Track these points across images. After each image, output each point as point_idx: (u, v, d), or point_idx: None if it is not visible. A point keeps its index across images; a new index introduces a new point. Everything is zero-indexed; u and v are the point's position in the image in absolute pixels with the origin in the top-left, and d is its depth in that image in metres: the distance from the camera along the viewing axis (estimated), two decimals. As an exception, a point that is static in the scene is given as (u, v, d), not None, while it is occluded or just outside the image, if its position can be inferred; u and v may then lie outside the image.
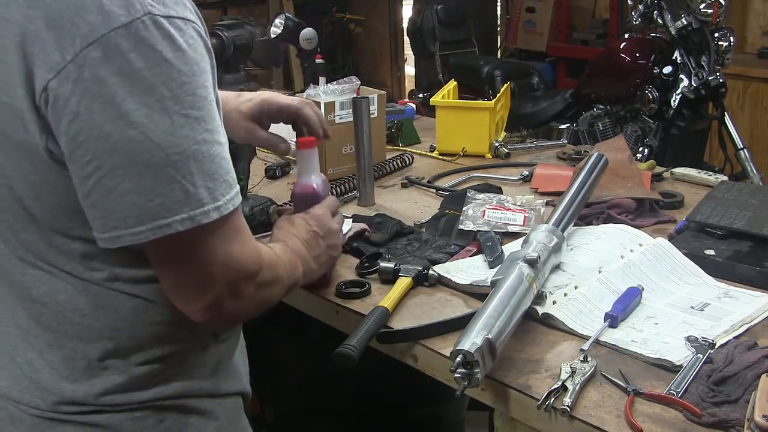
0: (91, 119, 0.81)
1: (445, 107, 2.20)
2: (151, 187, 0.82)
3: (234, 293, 0.93)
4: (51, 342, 0.96)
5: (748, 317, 1.22)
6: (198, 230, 0.86)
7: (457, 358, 1.02)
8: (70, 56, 0.80)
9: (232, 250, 0.91)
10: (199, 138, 0.85)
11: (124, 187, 0.82)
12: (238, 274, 0.92)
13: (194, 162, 0.84)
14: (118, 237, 0.84)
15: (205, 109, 0.86)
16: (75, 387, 0.96)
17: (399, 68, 6.38)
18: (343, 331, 1.31)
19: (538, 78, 4.17)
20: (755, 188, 1.79)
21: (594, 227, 1.54)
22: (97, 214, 0.85)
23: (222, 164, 0.88)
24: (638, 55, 3.34)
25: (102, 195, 0.83)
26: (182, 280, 0.91)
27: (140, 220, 0.83)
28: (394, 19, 6.26)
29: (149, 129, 0.81)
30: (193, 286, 0.91)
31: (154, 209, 0.83)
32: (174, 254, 0.88)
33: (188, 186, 0.84)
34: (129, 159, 0.82)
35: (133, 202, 0.83)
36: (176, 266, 0.90)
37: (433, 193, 1.88)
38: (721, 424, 0.97)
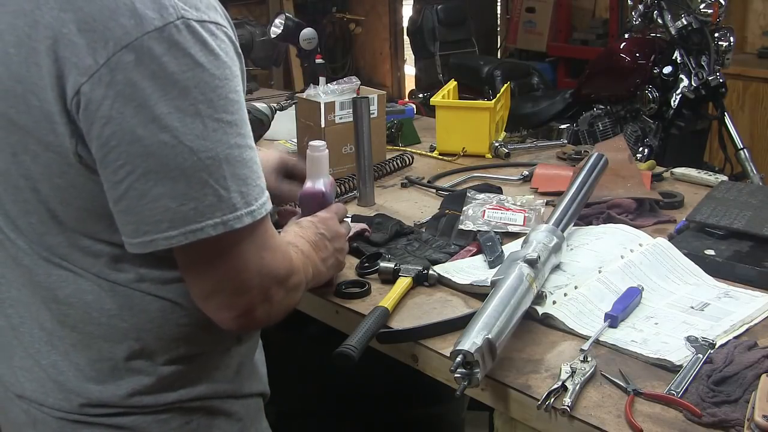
0: (124, 123, 0.80)
1: (445, 107, 2.20)
2: (185, 192, 0.82)
3: (266, 299, 0.92)
4: (76, 343, 0.96)
5: (748, 317, 1.22)
6: (231, 235, 0.85)
7: (457, 358, 1.02)
8: (103, 60, 0.80)
9: (265, 256, 0.90)
10: (231, 142, 0.84)
11: (156, 192, 0.82)
12: (271, 280, 0.92)
13: (227, 166, 0.84)
14: (151, 242, 0.84)
15: (237, 113, 0.85)
16: (101, 388, 0.96)
17: (399, 68, 6.38)
18: (343, 331, 1.31)
19: (538, 78, 4.17)
20: (755, 188, 1.79)
21: (594, 227, 1.54)
22: (128, 219, 0.85)
23: (254, 168, 0.88)
24: (638, 55, 3.34)
25: (134, 199, 0.83)
26: (214, 287, 0.90)
27: (173, 225, 0.83)
28: (394, 19, 6.26)
29: (182, 133, 0.81)
30: (224, 294, 0.90)
31: (186, 214, 0.82)
32: (206, 260, 0.87)
33: (221, 190, 0.84)
34: (162, 163, 0.81)
35: (165, 206, 0.82)
36: (208, 272, 0.89)
37: (433, 193, 1.88)
38: (721, 424, 0.97)
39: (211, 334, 0.99)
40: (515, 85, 3.82)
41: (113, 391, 0.96)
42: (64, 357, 0.97)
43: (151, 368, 0.97)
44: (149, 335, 0.96)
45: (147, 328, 0.95)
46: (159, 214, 0.83)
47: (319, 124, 1.89)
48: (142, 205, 0.83)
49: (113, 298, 0.94)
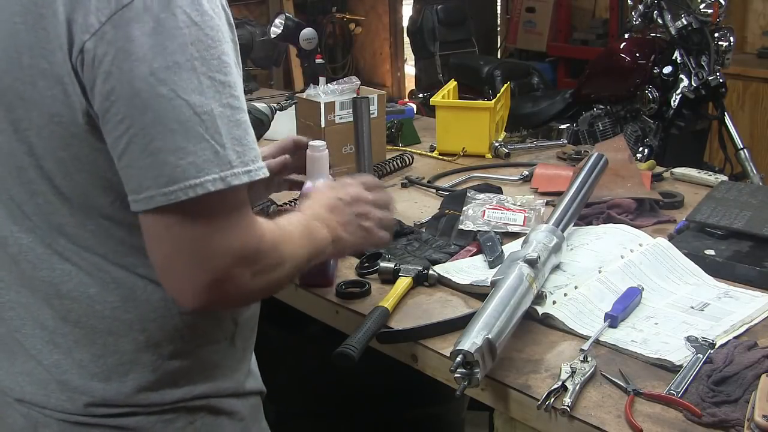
0: (123, 77, 0.82)
1: (445, 107, 2.20)
2: (182, 146, 0.83)
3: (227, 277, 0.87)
4: (79, 339, 0.96)
5: (748, 317, 1.22)
6: (225, 195, 0.85)
7: (457, 358, 1.02)
8: (105, 18, 0.82)
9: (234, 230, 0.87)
10: (224, 102, 0.85)
11: (155, 146, 0.83)
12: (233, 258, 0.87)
13: (222, 124, 0.85)
14: (151, 197, 0.84)
15: (230, 75, 0.86)
16: (106, 385, 0.96)
17: (399, 68, 6.39)
18: (343, 331, 1.31)
19: (538, 78, 4.17)
20: (755, 188, 1.79)
21: (594, 227, 1.54)
22: (131, 174, 0.85)
23: (249, 133, 0.88)
24: (638, 55, 3.34)
25: (135, 153, 0.83)
26: (180, 252, 0.86)
27: (172, 179, 0.83)
28: (394, 19, 6.26)
29: (179, 86, 0.82)
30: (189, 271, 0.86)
31: (185, 168, 0.83)
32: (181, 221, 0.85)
33: (217, 147, 0.84)
34: (160, 116, 0.82)
35: (164, 160, 0.83)
36: (179, 235, 0.85)
37: (433, 193, 1.88)
38: (721, 424, 0.97)
39: (213, 325, 1.00)
40: (515, 85, 3.81)
41: (118, 388, 0.96)
42: (67, 355, 0.97)
43: (155, 362, 0.97)
44: (153, 325, 0.96)
45: (150, 318, 0.95)
46: (158, 168, 0.83)
47: (319, 124, 1.89)
48: (142, 160, 0.83)
49: (117, 289, 0.94)
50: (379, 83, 6.24)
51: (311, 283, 1.40)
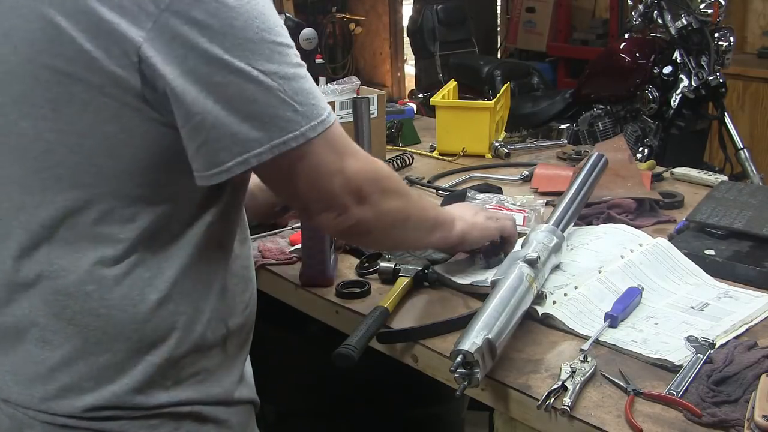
0: (199, 59, 0.86)
1: (445, 107, 2.20)
2: (266, 111, 0.89)
3: (359, 199, 0.99)
4: (71, 337, 0.96)
5: (748, 317, 1.22)
6: (309, 146, 0.92)
7: (457, 358, 1.02)
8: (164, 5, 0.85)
9: (345, 159, 0.97)
10: (292, 62, 0.92)
11: (242, 115, 0.88)
12: (358, 179, 0.98)
13: (295, 83, 0.91)
14: (245, 160, 0.89)
15: (285, 35, 0.92)
16: (94, 385, 0.96)
17: (399, 68, 6.39)
18: (343, 331, 1.31)
19: (538, 78, 4.17)
20: (755, 188, 1.79)
21: (594, 227, 1.54)
22: (219, 147, 0.89)
23: (313, 83, 0.94)
24: (638, 55, 3.34)
25: (223, 126, 0.88)
26: (306, 196, 0.98)
27: (260, 142, 0.89)
28: (394, 19, 6.27)
29: (253, 59, 0.88)
30: (317, 202, 0.98)
31: (270, 130, 0.89)
32: (292, 173, 0.94)
33: (296, 105, 0.91)
34: (243, 90, 0.88)
35: (251, 126, 0.89)
36: (297, 184, 0.96)
37: (433, 193, 1.88)
38: (721, 424, 0.97)
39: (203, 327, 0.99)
40: (515, 85, 3.82)
41: (107, 388, 0.96)
42: (56, 353, 0.96)
43: (145, 364, 0.96)
44: (146, 326, 0.96)
45: (144, 319, 0.95)
46: (246, 135, 0.89)
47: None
48: (231, 129, 0.88)
49: (114, 287, 0.94)
50: (379, 83, 6.25)
51: (311, 283, 1.40)
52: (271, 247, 1.52)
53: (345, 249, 1.53)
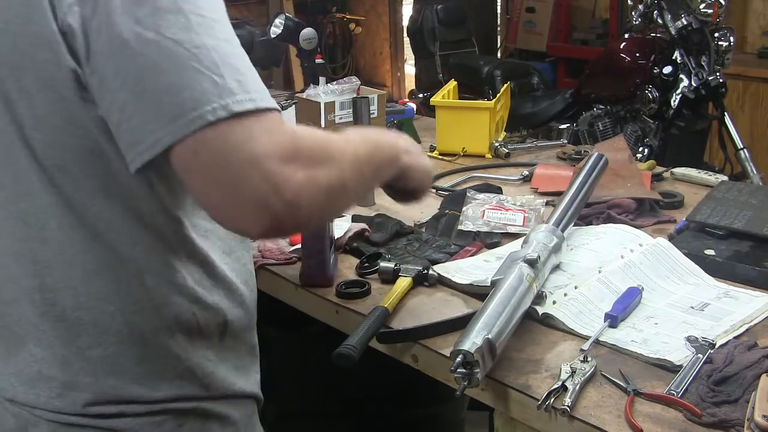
0: (112, 32, 0.81)
1: (445, 107, 2.20)
2: (177, 82, 0.80)
3: (276, 189, 0.81)
4: (62, 333, 0.96)
5: (748, 317, 1.22)
6: (232, 123, 0.81)
7: (457, 358, 1.02)
8: None
9: (259, 139, 0.82)
10: (219, 36, 0.83)
11: (151, 88, 0.81)
12: (272, 162, 0.81)
13: (217, 55, 0.82)
14: (157, 142, 0.81)
15: (219, 13, 0.85)
16: (92, 380, 0.96)
17: (399, 68, 6.38)
18: (343, 331, 1.31)
19: (538, 78, 4.17)
20: (755, 188, 1.79)
21: (594, 227, 1.54)
22: (133, 124, 0.83)
23: (249, 66, 0.85)
24: (638, 55, 3.34)
25: (133, 103, 0.82)
26: (218, 189, 0.82)
27: (173, 118, 0.80)
28: (394, 19, 6.26)
29: (165, 28, 0.81)
30: (234, 198, 0.81)
31: (183, 103, 0.80)
32: (209, 157, 0.81)
33: (215, 77, 0.81)
34: (150, 60, 0.81)
35: (161, 100, 0.81)
36: (210, 173, 0.81)
37: (433, 193, 1.88)
38: (721, 424, 0.97)
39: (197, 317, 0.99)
40: (515, 85, 3.81)
41: (105, 381, 0.96)
42: (50, 350, 0.96)
43: (139, 355, 0.96)
44: (137, 317, 0.95)
45: (133, 310, 0.95)
46: (157, 109, 0.81)
47: (319, 124, 1.89)
48: (142, 106, 0.82)
49: (100, 280, 0.94)
50: (379, 83, 6.24)
51: (311, 283, 1.40)
52: (271, 247, 1.52)
53: (345, 249, 1.53)
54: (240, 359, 1.08)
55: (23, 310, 0.97)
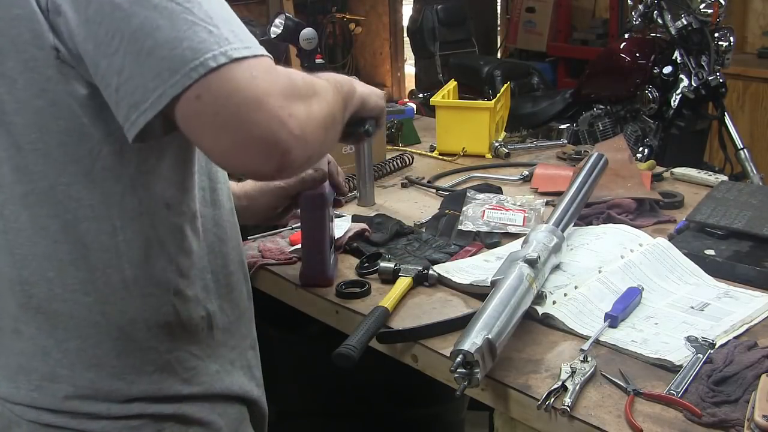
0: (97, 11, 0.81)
1: (445, 107, 2.20)
2: (174, 36, 0.81)
3: (283, 124, 0.83)
4: (42, 325, 0.95)
5: (748, 317, 1.22)
6: (233, 67, 0.81)
7: (457, 358, 1.02)
8: None
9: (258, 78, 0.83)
10: None
11: (148, 46, 0.81)
12: (276, 97, 0.83)
13: (208, 7, 0.83)
14: (160, 96, 0.81)
15: None
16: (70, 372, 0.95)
17: (399, 68, 6.38)
18: (343, 331, 1.31)
19: (538, 78, 4.17)
20: (755, 188, 1.79)
21: (594, 227, 1.54)
22: (133, 85, 0.82)
23: (239, 22, 0.86)
24: (638, 55, 3.34)
25: (131, 63, 0.82)
26: (231, 134, 0.82)
27: (173, 70, 0.80)
28: (394, 18, 6.26)
29: None
30: (244, 138, 0.82)
31: (182, 54, 0.81)
32: (215, 101, 0.81)
33: (210, 27, 0.82)
34: (144, 18, 0.81)
35: (160, 56, 0.81)
36: (220, 117, 0.82)
37: (433, 193, 1.88)
38: (721, 424, 0.97)
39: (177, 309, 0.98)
40: (515, 85, 3.82)
41: (83, 374, 0.95)
42: (31, 342, 0.96)
43: (118, 347, 0.96)
44: (112, 309, 0.95)
45: (109, 301, 0.95)
46: (157, 65, 0.81)
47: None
48: (140, 65, 0.81)
49: (76, 272, 0.93)
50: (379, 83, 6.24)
51: (311, 283, 1.40)
52: (271, 247, 1.52)
53: (345, 249, 1.53)
54: (234, 354, 1.07)
55: (6, 302, 0.97)
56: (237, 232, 1.11)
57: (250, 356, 1.13)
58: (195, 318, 1.01)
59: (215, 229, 1.04)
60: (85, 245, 0.93)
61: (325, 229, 1.36)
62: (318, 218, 1.35)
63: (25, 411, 0.97)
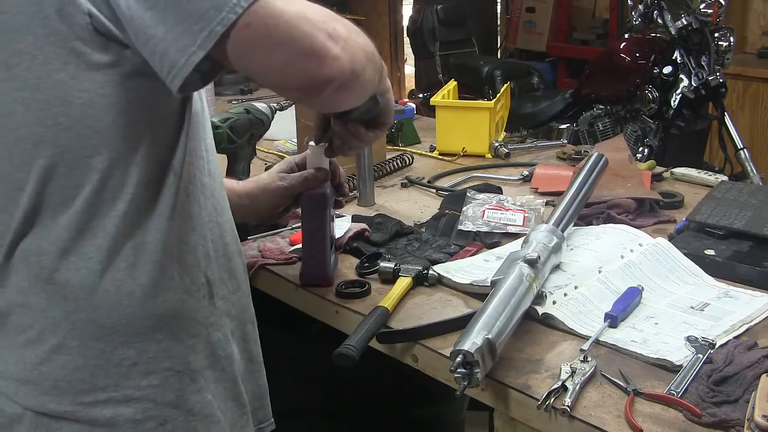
0: None
1: (445, 107, 2.20)
2: None
3: (330, 35, 0.90)
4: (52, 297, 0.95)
5: (748, 317, 1.22)
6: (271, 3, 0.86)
7: (457, 358, 1.02)
8: None
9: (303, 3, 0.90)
10: None
11: None
12: (319, 17, 0.90)
13: None
14: (210, 33, 0.84)
15: None
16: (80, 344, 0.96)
17: (399, 68, 6.38)
18: (343, 331, 1.31)
19: (538, 78, 4.17)
20: (755, 188, 1.79)
21: (594, 227, 1.54)
22: (180, 30, 0.84)
23: None
24: (638, 55, 3.34)
25: (174, 11, 0.84)
26: (284, 50, 0.87)
27: (219, 7, 0.83)
28: (394, 19, 6.26)
29: None
30: (297, 51, 0.87)
31: None
32: (265, 24, 0.86)
33: None
34: None
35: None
36: (272, 38, 0.86)
37: (433, 193, 1.88)
38: (721, 424, 0.97)
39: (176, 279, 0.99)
40: (515, 85, 3.82)
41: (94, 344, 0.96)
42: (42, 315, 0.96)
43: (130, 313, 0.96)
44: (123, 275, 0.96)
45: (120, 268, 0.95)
46: (201, 5, 0.84)
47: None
48: (183, 7, 0.84)
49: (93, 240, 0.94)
50: (379, 83, 6.23)
51: (311, 283, 1.40)
52: (271, 247, 1.52)
53: (345, 249, 1.53)
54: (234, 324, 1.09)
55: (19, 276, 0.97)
56: (228, 205, 1.13)
57: (249, 329, 1.14)
58: (197, 284, 1.02)
59: (212, 200, 1.07)
60: (102, 215, 0.94)
61: (326, 229, 1.36)
62: (319, 218, 1.35)
63: (30, 394, 0.97)
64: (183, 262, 1.00)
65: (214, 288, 1.05)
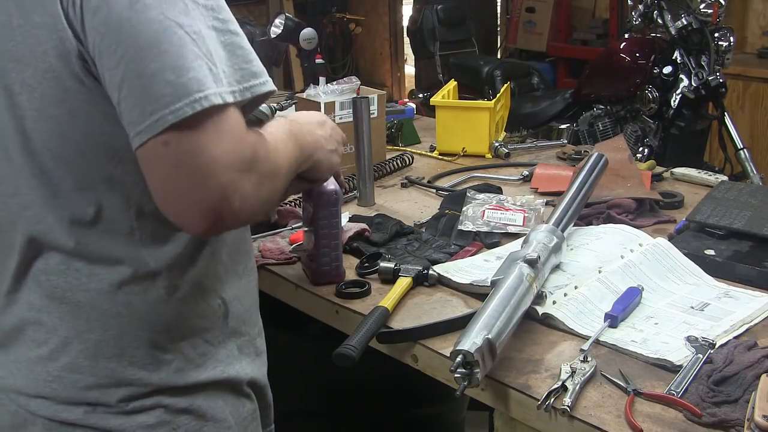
0: (111, 9, 0.83)
1: (445, 107, 2.20)
2: (180, 64, 0.82)
3: (228, 198, 0.86)
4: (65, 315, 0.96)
5: (748, 317, 1.22)
6: (221, 109, 0.85)
7: (457, 358, 1.02)
8: None
9: (227, 143, 0.86)
10: (209, 24, 0.86)
11: (153, 67, 0.82)
12: (230, 171, 0.86)
13: (210, 44, 0.85)
14: (158, 120, 0.82)
15: (213, 0, 0.88)
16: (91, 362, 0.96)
17: (399, 68, 6.38)
18: (343, 331, 1.31)
19: (538, 78, 4.17)
20: (755, 188, 1.79)
21: (594, 227, 1.54)
22: (132, 104, 0.84)
23: (239, 52, 0.89)
24: (638, 55, 3.34)
25: (134, 80, 0.83)
26: (180, 168, 0.84)
27: (177, 97, 0.82)
28: (394, 18, 6.26)
29: (166, 9, 0.83)
30: (188, 197, 0.85)
31: (187, 84, 0.82)
32: (192, 134, 0.83)
33: (210, 65, 0.84)
34: (153, 39, 0.82)
35: (165, 80, 0.82)
36: (186, 148, 0.84)
37: (433, 193, 1.88)
38: (721, 424, 0.97)
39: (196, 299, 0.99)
40: (515, 85, 3.81)
41: (104, 364, 0.96)
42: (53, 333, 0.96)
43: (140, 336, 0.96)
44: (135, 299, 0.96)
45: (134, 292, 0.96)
46: (160, 88, 0.82)
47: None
48: (143, 84, 0.83)
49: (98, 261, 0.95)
50: (379, 83, 6.24)
51: (325, 281, 1.39)
52: (271, 247, 1.52)
53: (345, 249, 1.53)
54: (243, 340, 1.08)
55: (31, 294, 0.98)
56: None
57: (258, 343, 1.14)
58: (212, 306, 1.02)
59: None
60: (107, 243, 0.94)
61: (339, 225, 1.36)
62: (333, 215, 1.35)
63: (41, 406, 0.97)
64: (199, 285, 1.00)
65: (229, 308, 1.05)
